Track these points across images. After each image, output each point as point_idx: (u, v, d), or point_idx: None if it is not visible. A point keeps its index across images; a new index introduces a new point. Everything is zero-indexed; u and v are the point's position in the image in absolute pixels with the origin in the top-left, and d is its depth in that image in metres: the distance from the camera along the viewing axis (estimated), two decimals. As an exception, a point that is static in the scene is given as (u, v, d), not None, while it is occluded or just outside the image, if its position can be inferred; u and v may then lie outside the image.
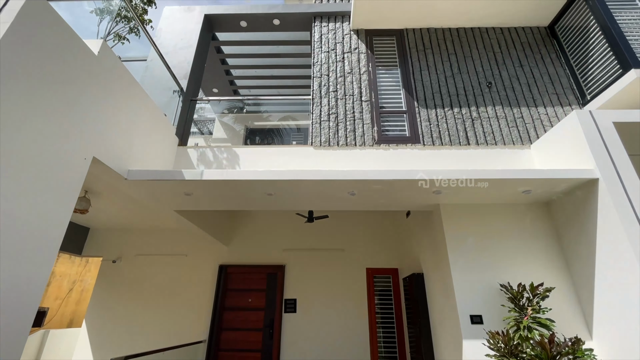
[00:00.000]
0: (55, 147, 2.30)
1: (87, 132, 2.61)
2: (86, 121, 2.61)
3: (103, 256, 6.41)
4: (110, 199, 4.50)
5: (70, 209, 2.46)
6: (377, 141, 4.22)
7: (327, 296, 5.77)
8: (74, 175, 2.50)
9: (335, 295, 5.77)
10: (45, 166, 2.22)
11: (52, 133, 2.27)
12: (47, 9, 2.30)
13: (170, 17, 5.25)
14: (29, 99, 2.10)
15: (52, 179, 2.28)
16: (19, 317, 2.01)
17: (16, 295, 1.99)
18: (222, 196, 3.67)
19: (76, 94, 2.52)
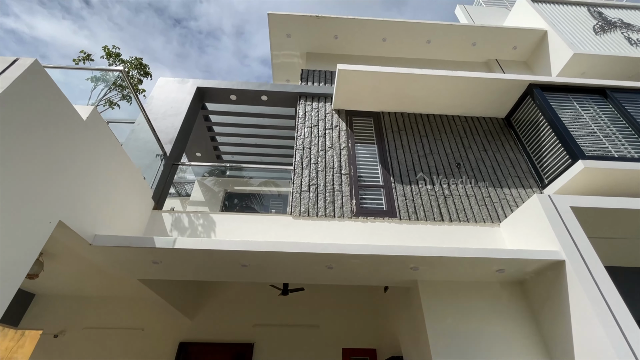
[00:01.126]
0: (19, 209, 2.18)
1: (57, 194, 2.52)
2: (60, 184, 2.54)
3: (44, 329, 5.61)
4: (66, 263, 4.13)
5: (20, 279, 2.23)
6: (355, 213, 4.30)
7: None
8: (34, 240, 2.33)
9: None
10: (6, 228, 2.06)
11: (19, 194, 2.17)
12: (44, 76, 2.39)
13: (164, 87, 5.56)
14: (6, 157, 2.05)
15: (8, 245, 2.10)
16: None
17: None
18: (194, 266, 3.48)
19: (56, 157, 2.49)
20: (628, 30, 7.65)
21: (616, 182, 4.23)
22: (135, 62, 4.32)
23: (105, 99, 3.89)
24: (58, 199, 2.53)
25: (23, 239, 2.23)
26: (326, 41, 7.43)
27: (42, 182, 2.36)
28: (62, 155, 2.56)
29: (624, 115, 4.87)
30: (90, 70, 3.80)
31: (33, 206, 2.29)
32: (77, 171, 2.74)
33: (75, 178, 2.72)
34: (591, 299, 2.95)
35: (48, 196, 2.42)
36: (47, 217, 2.45)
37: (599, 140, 4.60)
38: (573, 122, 4.79)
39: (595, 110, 5.03)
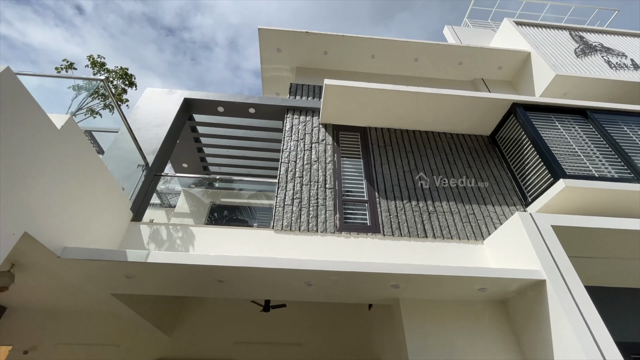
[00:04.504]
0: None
1: (23, 204, 2.43)
2: (26, 193, 2.45)
3: (14, 344, 5.34)
4: (37, 276, 3.97)
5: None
6: (338, 229, 4.25)
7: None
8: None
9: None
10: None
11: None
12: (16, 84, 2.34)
13: (150, 98, 5.53)
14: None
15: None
16: None
17: None
18: (169, 281, 3.37)
19: (23, 165, 2.41)
20: (608, 54, 7.93)
21: (596, 201, 4.28)
22: (120, 72, 4.29)
23: (87, 107, 3.83)
24: (23, 209, 2.44)
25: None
26: (316, 56, 7.53)
27: (6, 191, 2.27)
28: (30, 163, 2.48)
29: (603, 136, 4.98)
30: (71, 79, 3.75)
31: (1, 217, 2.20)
32: (47, 181, 2.66)
33: (45, 188, 2.63)
34: (570, 319, 2.92)
35: (12, 206, 2.33)
36: (11, 228, 2.35)
37: (580, 160, 4.67)
38: (555, 142, 4.88)
39: (577, 130, 5.13)
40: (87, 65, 4.17)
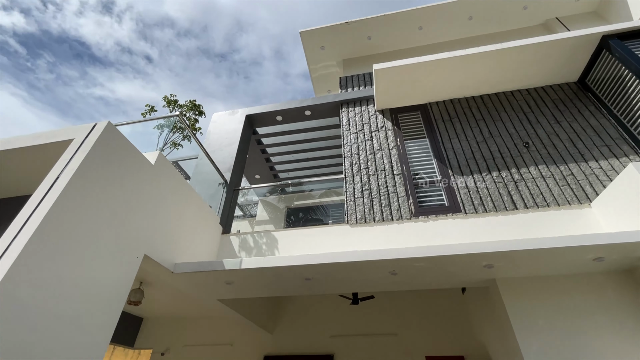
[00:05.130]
0: (115, 247, 2.57)
1: (140, 232, 2.91)
2: (140, 223, 2.93)
3: (153, 348, 6.42)
4: (160, 290, 4.70)
5: (122, 304, 2.61)
6: (414, 214, 4.10)
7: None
8: (128, 272, 2.71)
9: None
10: (102, 264, 2.46)
11: (109, 235, 2.57)
12: (117, 134, 2.82)
13: (218, 121, 6.10)
14: (94, 205, 2.46)
15: (109, 276, 2.49)
16: None
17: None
18: (261, 283, 3.67)
19: (134, 200, 2.89)
20: None
21: None
22: (190, 105, 4.82)
23: (171, 141, 4.41)
24: (141, 236, 2.92)
25: (120, 272, 2.62)
26: (360, 44, 7.38)
27: (127, 224, 2.76)
28: (139, 197, 2.96)
29: None
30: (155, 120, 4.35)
31: (124, 245, 2.69)
32: (153, 209, 3.14)
33: (153, 216, 3.11)
34: None
35: (133, 235, 2.82)
36: (135, 253, 2.84)
37: None
38: (672, 69, 3.93)
39: (703, 48, 4.06)
40: (163, 105, 4.78)
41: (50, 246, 2.10)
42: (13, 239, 2.00)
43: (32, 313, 1.95)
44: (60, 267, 2.14)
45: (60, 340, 2.08)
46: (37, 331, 1.96)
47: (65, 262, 2.18)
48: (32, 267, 1.98)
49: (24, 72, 33.79)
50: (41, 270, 2.03)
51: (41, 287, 2.01)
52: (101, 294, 2.44)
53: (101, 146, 2.60)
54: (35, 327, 1.95)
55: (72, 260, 2.23)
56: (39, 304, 1.99)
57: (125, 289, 2.70)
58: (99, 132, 2.62)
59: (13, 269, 1.87)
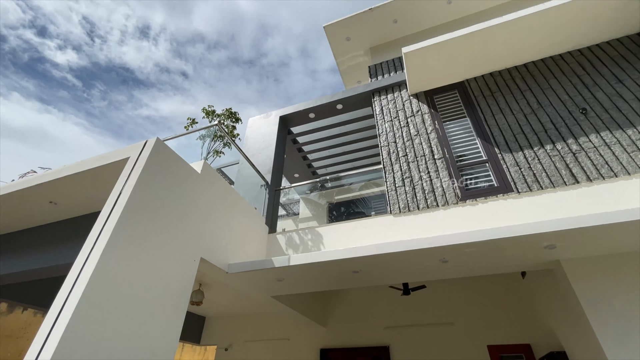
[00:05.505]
0: (174, 252, 2.79)
1: (194, 237, 3.12)
2: (194, 228, 3.14)
3: (217, 344, 6.87)
4: (218, 290, 5.00)
5: (185, 305, 2.82)
6: (461, 198, 3.91)
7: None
8: (188, 275, 2.93)
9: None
10: (165, 268, 2.68)
11: (169, 241, 2.79)
12: (165, 149, 3.04)
13: (253, 126, 6.31)
14: (153, 215, 2.68)
15: (172, 279, 2.71)
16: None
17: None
18: (310, 278, 3.75)
19: (186, 208, 3.10)
20: None
21: None
22: (226, 113, 5.04)
23: (213, 150, 4.65)
24: (196, 241, 3.13)
25: (181, 274, 2.84)
26: (386, 29, 7.15)
27: (183, 230, 2.97)
28: (190, 205, 3.17)
29: None
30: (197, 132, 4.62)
31: (182, 249, 2.91)
32: (204, 215, 3.34)
33: (204, 221, 3.32)
34: None
35: (189, 240, 3.03)
36: (192, 256, 3.05)
37: None
38: None
39: None
40: (203, 116, 5.05)
41: (120, 255, 2.33)
42: (91, 250, 2.26)
43: (113, 314, 2.18)
44: (130, 272, 2.38)
45: (138, 338, 2.32)
46: (117, 330, 2.19)
47: (134, 267, 2.42)
48: (107, 274, 2.21)
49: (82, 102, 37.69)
50: (115, 276, 2.26)
51: (117, 290, 2.25)
52: (167, 295, 2.66)
53: (153, 161, 2.83)
54: (115, 326, 2.19)
55: (139, 265, 2.46)
56: (117, 305, 2.22)
57: (188, 290, 2.91)
58: (150, 148, 2.84)
59: (93, 277, 2.11)
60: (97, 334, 2.06)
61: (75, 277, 2.14)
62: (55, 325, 1.94)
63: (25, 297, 4.23)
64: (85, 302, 2.03)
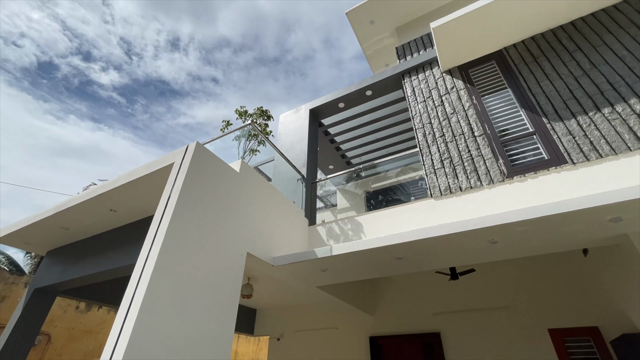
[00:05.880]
0: (222, 249, 2.95)
1: (240, 233, 3.26)
2: (238, 225, 3.28)
3: (270, 334, 7.18)
4: (266, 283, 5.21)
5: (237, 298, 2.98)
6: (507, 175, 3.67)
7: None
8: (237, 269, 3.08)
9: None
10: (215, 264, 2.84)
11: (217, 238, 2.94)
12: (205, 151, 3.19)
13: (285, 122, 6.40)
14: (200, 215, 2.84)
15: (222, 274, 2.87)
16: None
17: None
18: (353, 267, 3.77)
19: (229, 206, 3.25)
20: None
21: None
22: (258, 112, 5.16)
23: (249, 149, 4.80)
24: (242, 237, 3.27)
25: (231, 269, 3.00)
26: (411, 6, 6.83)
27: (228, 227, 3.12)
28: (232, 203, 3.32)
29: None
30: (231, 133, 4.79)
31: (229, 245, 3.06)
32: (246, 212, 3.48)
33: (247, 217, 3.46)
34: None
35: (235, 236, 3.18)
36: (240, 251, 3.20)
37: None
38: None
39: None
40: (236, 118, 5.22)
41: (175, 254, 2.51)
42: (149, 251, 2.46)
43: (173, 308, 2.37)
44: (185, 269, 2.55)
45: (197, 330, 2.49)
46: (178, 323, 2.38)
47: (188, 264, 2.59)
48: (165, 272, 2.40)
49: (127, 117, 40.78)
50: (172, 273, 2.44)
51: (175, 286, 2.43)
52: (220, 288, 2.83)
53: (195, 164, 2.99)
54: (176, 319, 2.37)
55: (192, 262, 2.63)
56: (176, 300, 2.41)
57: (238, 284, 3.06)
58: (191, 152, 3.00)
59: (154, 275, 2.29)
60: (162, 327, 2.25)
61: (138, 276, 2.35)
62: (126, 320, 2.15)
63: (99, 297, 4.72)
64: (149, 298, 2.22)
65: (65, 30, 30.13)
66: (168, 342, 2.26)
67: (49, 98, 28.84)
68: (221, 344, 2.67)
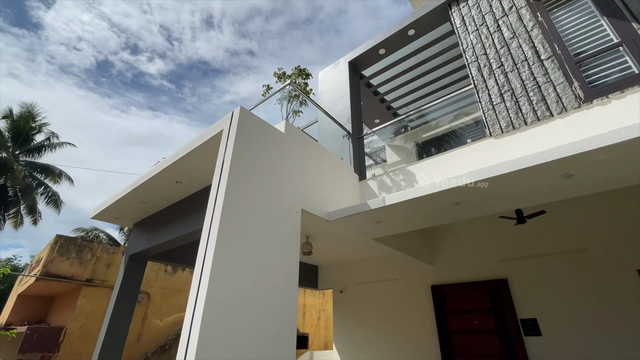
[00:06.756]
0: (277, 207, 3.09)
1: (293, 191, 3.36)
2: (291, 183, 3.38)
3: (333, 288, 7.61)
4: (323, 241, 5.42)
5: (297, 252, 3.15)
6: (584, 99, 3.16)
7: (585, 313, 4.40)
8: (294, 226, 3.22)
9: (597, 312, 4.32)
10: (274, 222, 2.99)
11: (273, 198, 3.07)
12: (250, 115, 3.25)
13: (324, 79, 6.20)
14: (254, 177, 2.97)
15: (280, 231, 3.03)
16: (285, 341, 2.67)
17: (280, 325, 2.68)
18: (408, 217, 3.70)
19: (279, 166, 3.33)
20: None
21: None
22: (296, 72, 5.06)
23: (292, 111, 4.79)
24: (295, 194, 3.37)
25: (288, 227, 3.14)
26: None
27: (282, 186, 3.23)
28: (282, 163, 3.39)
29: None
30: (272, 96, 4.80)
31: (285, 203, 3.18)
32: (297, 170, 3.55)
33: (297, 176, 3.53)
34: None
35: (289, 194, 3.29)
36: (295, 208, 3.32)
37: None
38: None
39: None
40: (276, 81, 5.19)
41: (235, 215, 2.68)
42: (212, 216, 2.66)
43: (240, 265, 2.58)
44: (246, 228, 2.73)
45: (264, 284, 2.70)
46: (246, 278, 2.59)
47: (248, 223, 2.76)
48: (229, 232, 2.59)
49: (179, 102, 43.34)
50: (235, 233, 2.63)
51: (239, 244, 2.63)
52: (280, 244, 2.99)
53: (242, 128, 3.07)
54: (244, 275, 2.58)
55: (252, 222, 2.79)
56: (242, 257, 2.61)
57: (296, 239, 3.21)
58: (237, 118, 3.08)
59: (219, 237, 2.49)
60: (233, 281, 2.47)
61: (206, 239, 2.57)
62: (202, 278, 2.39)
63: (181, 260, 5.37)
64: (218, 257, 2.43)
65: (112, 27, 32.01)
66: (240, 294, 2.48)
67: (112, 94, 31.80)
68: (288, 296, 2.86)
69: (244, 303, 2.49)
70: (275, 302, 2.74)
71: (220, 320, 2.29)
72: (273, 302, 2.72)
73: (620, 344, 4.01)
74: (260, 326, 2.55)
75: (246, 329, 2.44)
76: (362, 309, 6.68)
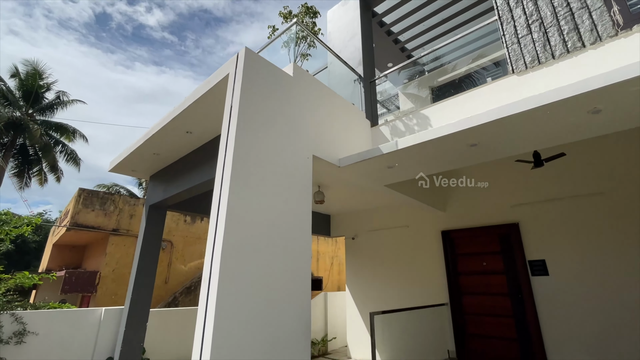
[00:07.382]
0: (288, 153, 3.07)
1: (303, 136, 3.31)
2: (300, 128, 3.31)
3: (345, 235, 7.88)
4: (335, 189, 5.47)
5: (309, 198, 3.19)
6: (623, 25, 2.85)
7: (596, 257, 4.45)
8: (305, 172, 3.23)
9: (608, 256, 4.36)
10: (285, 168, 3.00)
11: (283, 143, 3.04)
12: (256, 57, 3.09)
13: (333, 18, 5.76)
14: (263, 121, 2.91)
15: (292, 177, 3.05)
16: (300, 282, 2.82)
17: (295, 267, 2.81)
18: (422, 161, 3.64)
19: (288, 110, 3.24)
20: None
21: None
22: (303, 10, 4.70)
23: (300, 54, 4.54)
24: (305, 140, 3.32)
25: (299, 173, 3.15)
26: None
27: (291, 131, 3.17)
28: (292, 107, 3.29)
29: None
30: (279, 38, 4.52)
31: (295, 149, 3.15)
32: (305, 115, 3.45)
33: (307, 120, 3.44)
34: None
35: (300, 139, 3.24)
36: (306, 154, 3.29)
37: None
38: None
39: None
40: (282, 22, 4.86)
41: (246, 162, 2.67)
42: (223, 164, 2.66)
43: (255, 210, 2.63)
44: (257, 174, 2.74)
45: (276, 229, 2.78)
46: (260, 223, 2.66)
47: (259, 169, 2.76)
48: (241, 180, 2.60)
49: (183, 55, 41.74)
50: (247, 179, 2.65)
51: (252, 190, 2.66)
52: (293, 192, 3.01)
53: (248, 71, 2.94)
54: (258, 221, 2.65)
55: (263, 168, 2.80)
56: (255, 203, 2.65)
57: (308, 186, 3.23)
58: (242, 60, 2.93)
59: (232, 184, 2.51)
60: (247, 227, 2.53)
61: (219, 187, 2.60)
62: (217, 224, 2.45)
63: (197, 209, 5.57)
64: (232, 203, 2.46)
65: (105, -28, 29.87)
66: (254, 239, 2.56)
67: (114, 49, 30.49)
68: (302, 241, 2.96)
69: (259, 248, 2.59)
70: (290, 245, 2.84)
71: (238, 262, 2.40)
72: (288, 245, 2.82)
73: (631, 285, 4.10)
74: (277, 268, 2.68)
75: (264, 270, 2.56)
76: (373, 255, 6.96)
